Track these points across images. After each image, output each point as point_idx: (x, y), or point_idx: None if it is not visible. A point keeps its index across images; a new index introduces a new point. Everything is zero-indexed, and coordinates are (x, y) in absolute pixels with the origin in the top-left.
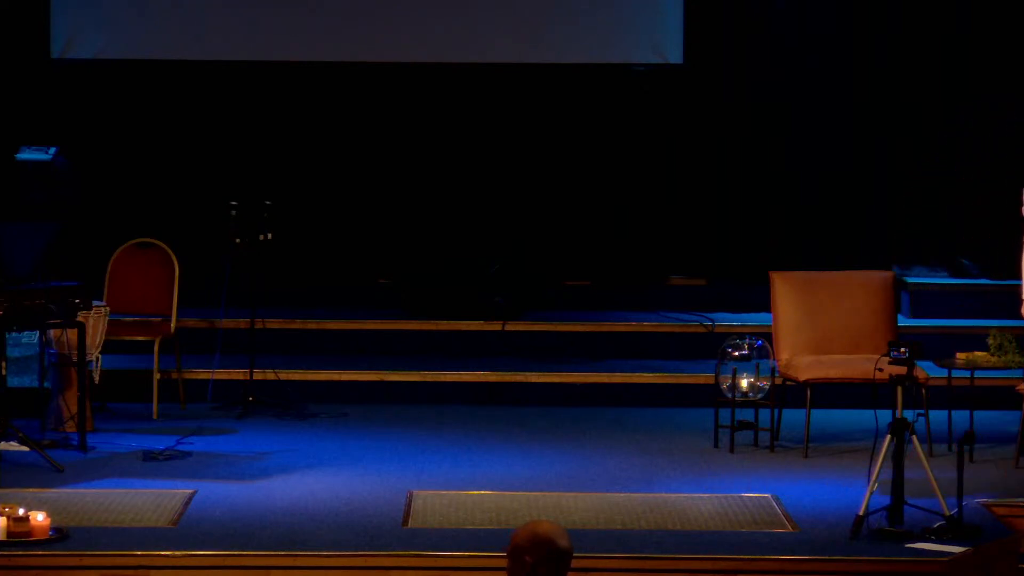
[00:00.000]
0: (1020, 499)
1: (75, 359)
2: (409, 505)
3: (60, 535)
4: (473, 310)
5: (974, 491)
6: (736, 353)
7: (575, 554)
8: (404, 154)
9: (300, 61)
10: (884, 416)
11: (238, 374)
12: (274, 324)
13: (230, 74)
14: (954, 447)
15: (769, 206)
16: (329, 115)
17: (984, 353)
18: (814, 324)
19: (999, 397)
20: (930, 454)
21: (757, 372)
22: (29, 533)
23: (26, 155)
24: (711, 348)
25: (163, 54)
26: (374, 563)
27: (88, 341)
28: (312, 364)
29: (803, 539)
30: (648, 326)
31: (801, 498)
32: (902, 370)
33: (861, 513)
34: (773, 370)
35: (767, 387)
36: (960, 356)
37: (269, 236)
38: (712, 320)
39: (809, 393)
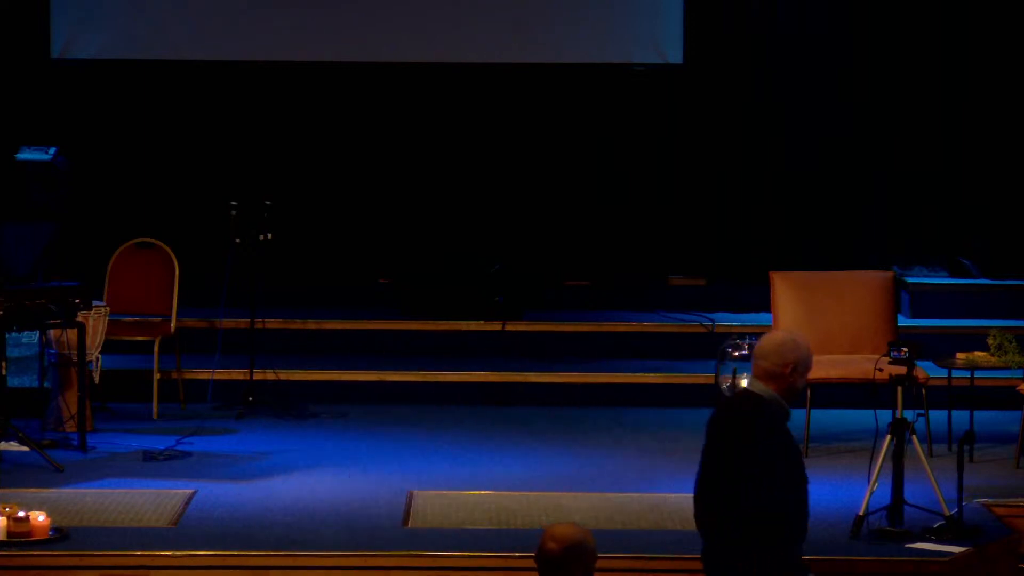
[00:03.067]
0: (1020, 499)
1: (75, 359)
2: (409, 505)
3: (60, 535)
4: (473, 310)
5: (974, 491)
6: (736, 353)
7: None
8: (404, 154)
9: (300, 61)
10: (884, 416)
11: (238, 374)
12: (274, 324)
13: (230, 74)
14: (954, 447)
15: (769, 206)
16: (329, 115)
17: (984, 353)
18: (814, 324)
19: (999, 397)
20: (930, 454)
21: None
22: (29, 533)
23: (26, 155)
24: (711, 348)
25: (163, 54)
26: (374, 563)
27: (88, 341)
28: (312, 364)
29: None
30: (648, 326)
31: None
32: (902, 370)
33: (861, 513)
34: None
35: None
36: (960, 356)
37: (269, 236)
38: (712, 320)
39: (809, 393)
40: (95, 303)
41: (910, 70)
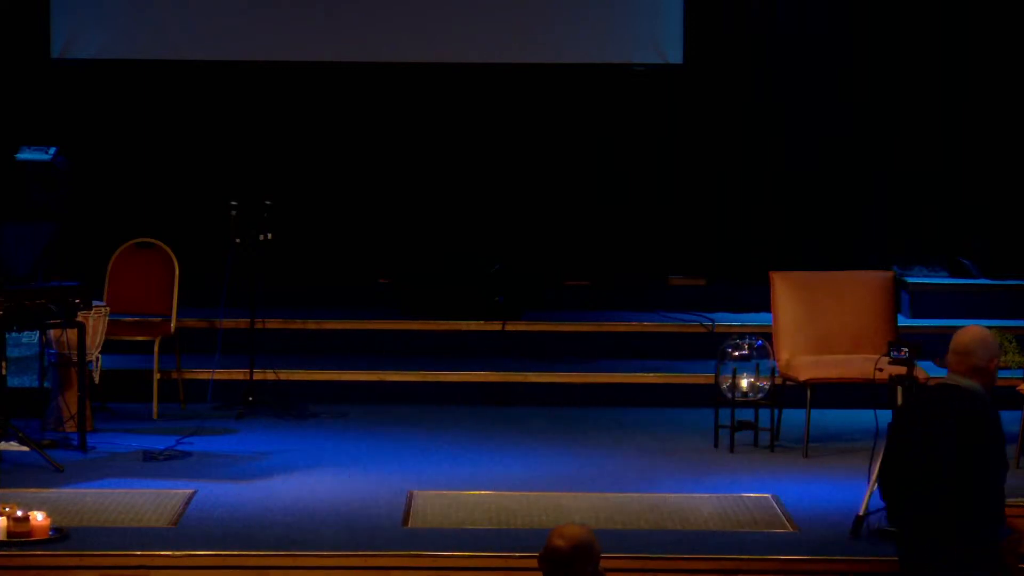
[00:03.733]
0: (1020, 499)
1: (75, 359)
2: (409, 505)
3: (60, 535)
4: (473, 310)
5: None
6: (736, 353)
7: None
8: (404, 154)
9: (300, 61)
10: (884, 416)
11: (238, 374)
12: (274, 324)
13: (230, 74)
14: None
15: (769, 206)
16: (329, 115)
17: None
18: (814, 324)
19: (999, 397)
20: None
21: (757, 372)
22: (29, 533)
23: (26, 155)
24: (711, 348)
25: (163, 54)
26: (374, 563)
27: (88, 341)
28: (312, 364)
29: (803, 539)
30: (648, 326)
31: (801, 498)
32: (902, 370)
33: (861, 513)
34: (773, 370)
35: (767, 387)
36: None
37: (269, 236)
38: (712, 320)
39: (809, 393)
40: (95, 303)
41: (910, 70)
